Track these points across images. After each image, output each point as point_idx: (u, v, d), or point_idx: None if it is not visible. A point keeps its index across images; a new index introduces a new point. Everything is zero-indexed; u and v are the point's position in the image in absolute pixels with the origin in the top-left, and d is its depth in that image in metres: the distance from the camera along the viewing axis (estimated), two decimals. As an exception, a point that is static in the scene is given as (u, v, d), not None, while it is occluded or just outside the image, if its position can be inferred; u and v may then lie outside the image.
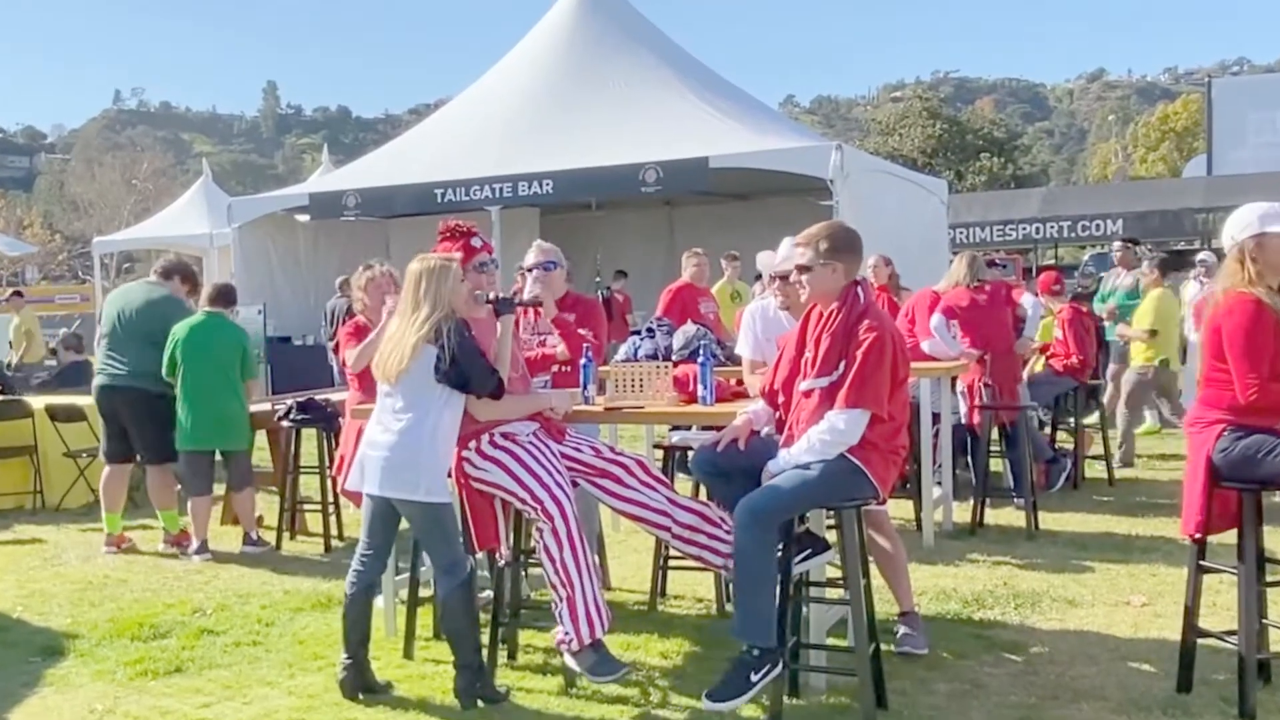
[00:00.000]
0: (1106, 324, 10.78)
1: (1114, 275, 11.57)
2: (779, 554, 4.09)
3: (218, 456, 7.31)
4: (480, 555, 4.86)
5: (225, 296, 7.42)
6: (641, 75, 13.76)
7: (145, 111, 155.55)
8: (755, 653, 3.98)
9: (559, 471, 4.49)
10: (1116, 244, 12.45)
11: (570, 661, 4.39)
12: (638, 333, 7.22)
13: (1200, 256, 11.99)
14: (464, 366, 4.29)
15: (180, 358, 7.08)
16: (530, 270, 5.48)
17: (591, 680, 4.38)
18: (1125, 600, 5.57)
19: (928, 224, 13.97)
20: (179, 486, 7.50)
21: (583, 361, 5.03)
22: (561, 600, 4.37)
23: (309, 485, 7.85)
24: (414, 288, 4.41)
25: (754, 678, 3.95)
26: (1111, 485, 8.65)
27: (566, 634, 4.35)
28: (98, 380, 7.35)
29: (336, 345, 6.99)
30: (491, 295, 4.64)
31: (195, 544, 7.12)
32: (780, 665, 4.05)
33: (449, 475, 4.51)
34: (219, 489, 7.46)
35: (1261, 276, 4.05)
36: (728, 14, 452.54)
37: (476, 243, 4.75)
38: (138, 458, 7.45)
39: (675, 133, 12.54)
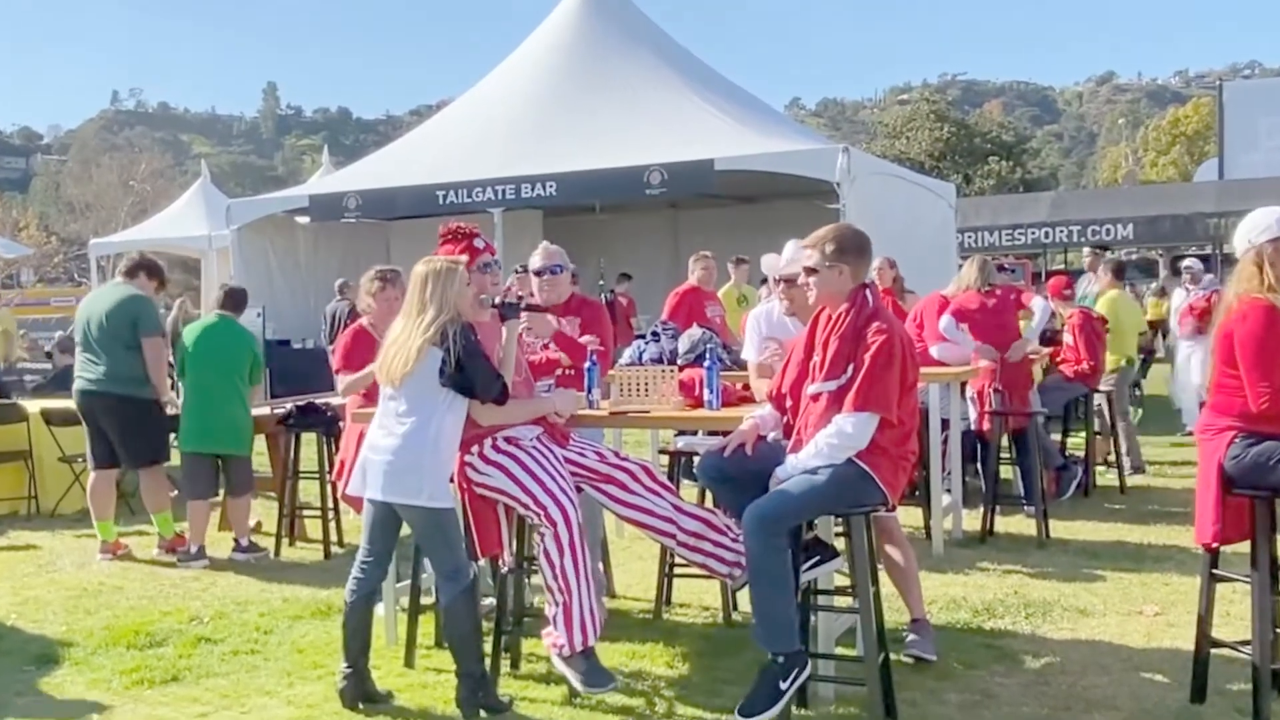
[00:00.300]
0: None
1: (1085, 282, 11.53)
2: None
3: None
4: (483, 562, 4.81)
5: (236, 300, 7.37)
6: (646, 77, 13.70)
7: (143, 112, 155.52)
8: (780, 659, 3.94)
9: (563, 477, 4.45)
10: (1086, 250, 12.42)
11: (561, 665, 4.37)
12: (642, 336, 7.15)
13: (1185, 264, 11.92)
14: (469, 370, 4.24)
15: (188, 359, 7.03)
16: (537, 274, 5.42)
17: (583, 690, 4.34)
18: (1138, 610, 5.50)
19: (935, 228, 13.90)
20: (175, 491, 7.43)
21: (587, 365, 4.98)
22: (557, 605, 4.34)
23: (308, 490, 7.79)
24: (420, 290, 4.35)
25: (783, 685, 3.91)
26: (1123, 493, 8.57)
27: (559, 638, 4.31)
28: (75, 385, 7.26)
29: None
30: (497, 300, 4.59)
31: (193, 549, 7.05)
32: (806, 667, 4.00)
33: (451, 480, 4.45)
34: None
35: (1280, 282, 3.98)
36: (733, 16, 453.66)
37: (479, 244, 4.71)
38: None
39: (680, 135, 12.48)
